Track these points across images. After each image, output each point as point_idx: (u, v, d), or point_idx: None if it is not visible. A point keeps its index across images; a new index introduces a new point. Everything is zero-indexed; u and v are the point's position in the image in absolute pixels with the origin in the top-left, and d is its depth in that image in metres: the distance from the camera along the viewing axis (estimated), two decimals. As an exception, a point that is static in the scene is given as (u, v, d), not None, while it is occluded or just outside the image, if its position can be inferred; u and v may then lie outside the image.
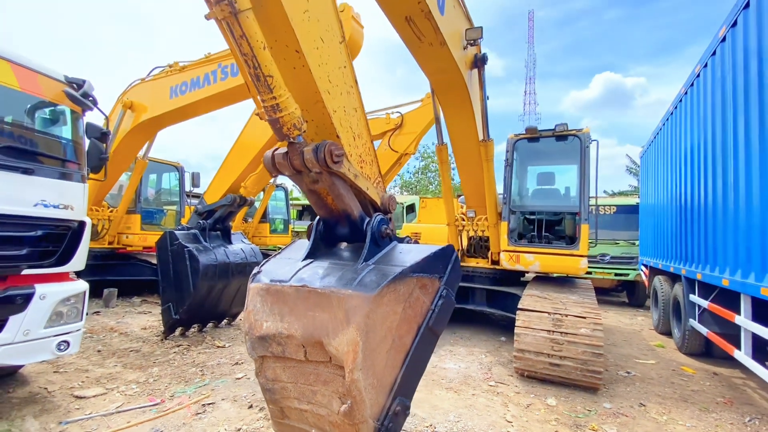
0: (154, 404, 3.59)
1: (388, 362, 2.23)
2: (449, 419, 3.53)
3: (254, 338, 2.37)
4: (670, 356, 5.94)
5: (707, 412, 3.98)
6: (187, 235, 5.85)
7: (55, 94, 3.66)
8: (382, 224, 2.52)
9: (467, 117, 5.24)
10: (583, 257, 5.19)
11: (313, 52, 2.12)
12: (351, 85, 2.46)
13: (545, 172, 6.41)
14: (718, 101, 4.41)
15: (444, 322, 2.59)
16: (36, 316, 3.30)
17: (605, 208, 10.86)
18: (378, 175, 2.78)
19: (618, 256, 10.39)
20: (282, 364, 2.39)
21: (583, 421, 3.63)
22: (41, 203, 3.35)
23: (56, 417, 3.31)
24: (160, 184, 10.35)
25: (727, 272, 4.15)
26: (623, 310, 9.99)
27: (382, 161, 9.04)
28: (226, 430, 3.17)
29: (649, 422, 3.68)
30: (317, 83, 2.15)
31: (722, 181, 4.31)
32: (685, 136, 5.73)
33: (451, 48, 4.20)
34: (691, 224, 5.46)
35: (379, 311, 2.10)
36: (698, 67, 5.08)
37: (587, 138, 5.44)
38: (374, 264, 2.34)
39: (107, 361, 4.76)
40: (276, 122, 2.03)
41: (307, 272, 2.37)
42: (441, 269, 2.54)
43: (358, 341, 2.02)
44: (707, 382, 4.87)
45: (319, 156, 2.10)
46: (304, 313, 2.24)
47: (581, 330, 4.30)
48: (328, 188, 2.34)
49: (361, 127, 2.57)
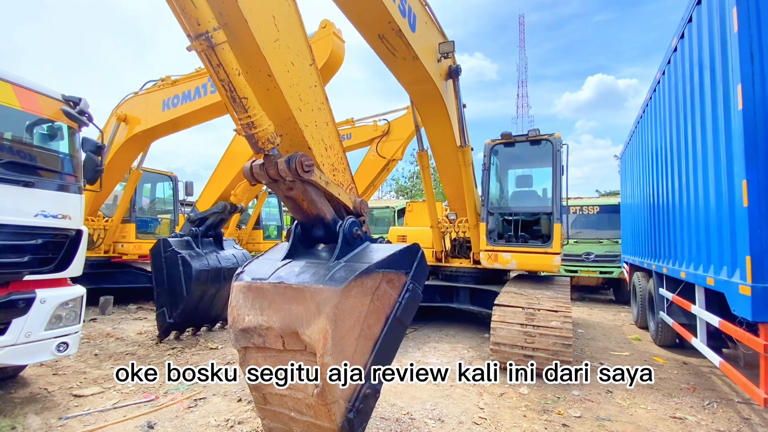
0: (148, 400, 3.83)
1: (358, 349, 2.50)
2: (426, 407, 3.78)
3: (237, 331, 2.63)
4: (644, 348, 6.22)
5: (669, 397, 4.26)
6: (180, 242, 6.10)
7: (53, 112, 3.92)
8: (354, 226, 2.80)
9: (444, 125, 5.54)
10: (557, 254, 5.49)
11: (284, 75, 2.40)
12: (322, 102, 2.74)
13: (521, 175, 6.73)
14: (673, 107, 4.74)
15: (411, 314, 2.86)
16: (37, 319, 3.54)
17: (589, 208, 11.20)
18: (350, 181, 3.06)
19: (602, 254, 10.71)
20: (263, 354, 2.65)
21: (551, 406, 3.90)
22: (41, 213, 3.60)
23: (56, 414, 3.54)
24: (154, 193, 10.59)
25: (684, 265, 4.45)
26: (608, 307, 10.29)
27: (370, 167, 9.34)
28: (216, 420, 3.41)
29: (613, 406, 3.95)
30: (289, 102, 2.43)
31: (678, 182, 4.63)
32: (652, 139, 6.06)
33: (424, 62, 4.50)
34: (659, 222, 5.77)
35: (347, 303, 2.37)
36: (658, 74, 5.42)
37: (558, 142, 5.76)
38: (345, 262, 2.61)
39: (104, 363, 4.98)
40: (251, 137, 2.31)
41: (284, 270, 2.65)
42: (407, 265, 2.82)
43: (327, 329, 2.29)
44: (675, 370, 5.15)
45: (291, 166, 2.37)
46: (281, 306, 2.51)
47: (552, 323, 4.58)
48: (302, 195, 2.61)
49: (332, 139, 2.85)
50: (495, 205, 6.29)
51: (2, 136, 3.67)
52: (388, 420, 3.51)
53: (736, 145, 3.03)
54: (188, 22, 1.98)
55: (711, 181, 3.62)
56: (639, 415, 3.79)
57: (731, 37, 3.07)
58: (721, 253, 3.41)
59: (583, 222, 11.32)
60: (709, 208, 3.67)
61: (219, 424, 3.35)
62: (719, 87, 3.35)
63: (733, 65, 3.03)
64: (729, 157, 3.18)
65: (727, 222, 3.25)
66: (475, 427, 3.44)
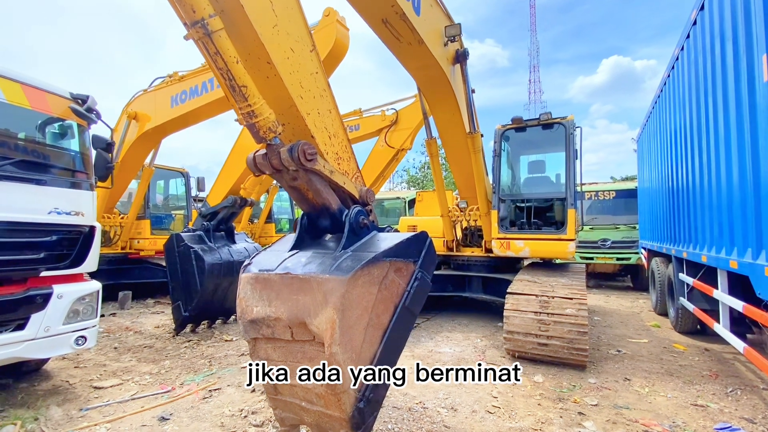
0: (165, 391, 3.90)
1: (367, 338, 2.47)
2: (438, 396, 3.76)
3: (246, 322, 2.63)
4: (664, 335, 6.07)
5: (690, 385, 4.14)
6: (192, 236, 6.17)
7: (62, 111, 3.96)
8: (360, 215, 2.75)
9: (453, 111, 5.43)
10: (571, 241, 5.36)
11: (285, 62, 2.35)
12: (323, 89, 2.68)
13: (533, 160, 6.57)
14: (693, 83, 4.52)
15: (420, 303, 2.82)
16: (55, 314, 3.62)
17: (604, 194, 10.92)
18: (356, 170, 3.01)
19: (619, 240, 10.47)
20: (272, 345, 2.65)
21: (567, 395, 3.83)
22: (54, 211, 3.66)
23: (77, 405, 3.63)
24: (167, 190, 10.74)
25: (705, 249, 4.28)
26: (625, 294, 10.08)
27: (379, 158, 9.26)
28: (230, 410, 3.45)
29: (631, 394, 3.86)
30: (289, 90, 2.38)
31: (699, 162, 4.44)
32: (671, 119, 5.83)
33: (430, 46, 4.39)
34: (678, 205, 5.57)
35: (355, 292, 2.34)
36: (677, 50, 5.18)
37: (571, 125, 5.58)
38: (352, 251, 2.58)
39: (123, 356, 5.09)
40: (252, 127, 2.27)
41: (291, 261, 2.62)
42: (415, 254, 2.77)
43: (335, 319, 2.27)
44: (696, 357, 5.01)
45: (294, 155, 2.33)
46: (289, 297, 2.49)
47: (567, 310, 4.48)
48: (306, 184, 2.58)
49: (336, 126, 2.80)
50: (506, 191, 6.16)
51: (14, 135, 3.73)
52: (401, 409, 3.50)
53: (761, 120, 2.87)
54: (183, 10, 1.95)
55: (734, 159, 3.45)
56: (658, 402, 3.69)
57: (755, 5, 2.89)
58: (745, 234, 3.26)
59: (599, 208, 11.06)
60: (732, 188, 3.51)
61: (233, 413, 3.39)
62: (742, 58, 3.17)
63: (758, 34, 2.85)
64: (753, 133, 3.02)
65: (751, 202, 3.10)
66: (489, 416, 3.40)
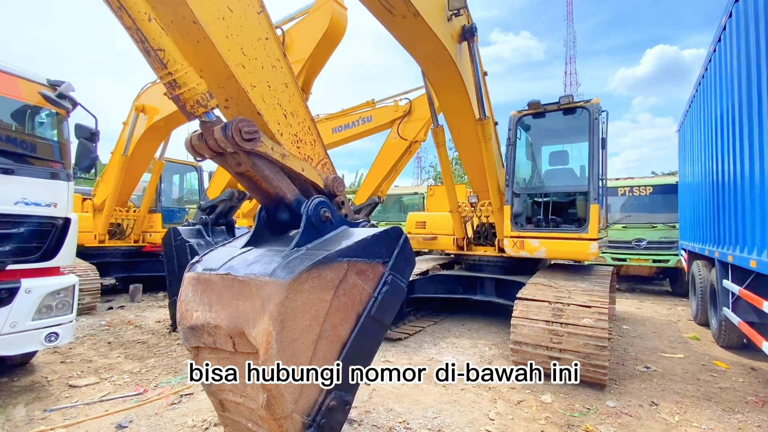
0: (137, 394, 3.68)
1: (318, 354, 2.07)
2: (427, 415, 3.31)
3: (185, 329, 2.30)
4: (703, 349, 5.31)
5: (732, 413, 3.47)
6: (190, 230, 5.99)
7: (36, 98, 3.80)
8: (321, 206, 2.35)
9: (460, 95, 4.91)
10: (593, 241, 4.72)
11: (217, 24, 1.98)
12: (277, 58, 2.30)
13: (552, 149, 5.91)
14: (743, 59, 3.79)
15: (390, 311, 2.39)
16: (23, 309, 3.46)
17: (640, 189, 9.95)
18: (323, 156, 2.61)
19: (656, 240, 9.51)
20: (216, 356, 2.31)
21: (578, 420, 3.28)
22: (22, 201, 3.49)
23: (45, 405, 3.46)
24: (182, 184, 10.78)
25: (755, 253, 3.58)
26: (662, 300, 9.15)
27: (392, 150, 8.81)
28: (193, 420, 3.16)
29: (657, 423, 3.26)
30: (224, 56, 2.01)
31: (749, 151, 3.72)
32: (716, 103, 5.03)
33: (429, 20, 3.91)
34: (723, 201, 4.80)
35: (299, 299, 1.95)
36: (723, 18, 4.40)
37: (596, 109, 4.92)
38: (307, 249, 2.19)
39: (113, 352, 4.97)
40: (177, 99, 1.93)
41: (237, 260, 2.27)
42: (385, 254, 2.34)
43: (270, 331, 1.89)
44: (741, 378, 4.28)
45: (227, 134, 1.97)
46: (229, 302, 2.14)
47: (584, 320, 3.90)
48: (252, 170, 2.21)
49: (294, 104, 2.41)
50: (521, 185, 5.57)
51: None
52: (381, 429, 3.09)
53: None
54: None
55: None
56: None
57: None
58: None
59: (634, 205, 10.08)
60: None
61: (195, 424, 3.10)
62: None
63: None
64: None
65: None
66: (481, 442, 2.93)
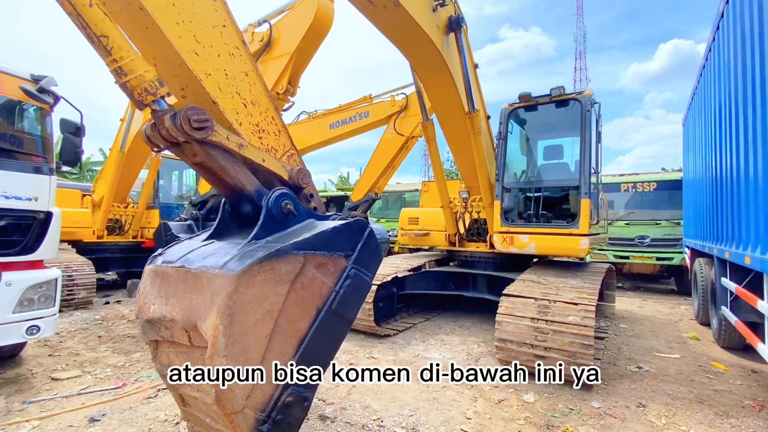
0: (115, 387, 3.68)
1: (273, 349, 2.02)
2: (403, 413, 3.25)
3: (143, 322, 2.27)
4: (702, 350, 5.14)
5: (725, 417, 3.33)
6: (181, 225, 6.01)
7: (17, 92, 3.81)
8: (282, 199, 2.29)
9: (448, 88, 4.81)
10: (584, 236, 4.59)
11: (165, 9, 1.92)
12: (235, 46, 2.24)
13: (547, 144, 5.77)
14: (739, 48, 3.62)
15: (354, 305, 2.33)
16: (3, 302, 3.48)
17: (643, 185, 9.71)
18: (289, 147, 2.54)
19: (659, 238, 9.28)
20: (174, 350, 2.28)
21: (559, 421, 3.18)
22: (2, 195, 3.50)
23: (25, 397, 3.48)
24: (182, 180, 10.84)
25: (749, 249, 3.43)
26: (665, 299, 8.92)
27: (388, 146, 8.72)
28: (166, 415, 3.14)
29: (641, 425, 3.14)
30: (174, 43, 1.95)
31: (744, 142, 3.55)
32: (715, 93, 4.84)
33: (411, 10, 3.82)
34: (721, 196, 4.62)
35: (250, 292, 1.90)
36: (722, 5, 4.22)
37: (589, 101, 4.77)
38: (266, 242, 2.14)
39: (101, 346, 4.99)
40: (124, 87, 1.88)
41: (194, 253, 2.23)
42: (347, 247, 2.28)
43: (218, 325, 1.84)
44: (739, 381, 4.12)
45: (176, 123, 1.92)
46: (184, 295, 2.11)
47: (569, 318, 3.79)
48: (207, 160, 2.15)
49: (256, 93, 2.35)
50: (512, 179, 5.44)
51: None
52: (354, 426, 3.03)
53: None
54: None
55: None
56: (675, 438, 2.96)
57: None
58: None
59: (638, 201, 9.85)
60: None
61: (167, 419, 3.08)
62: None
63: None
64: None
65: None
66: (454, 441, 2.85)
